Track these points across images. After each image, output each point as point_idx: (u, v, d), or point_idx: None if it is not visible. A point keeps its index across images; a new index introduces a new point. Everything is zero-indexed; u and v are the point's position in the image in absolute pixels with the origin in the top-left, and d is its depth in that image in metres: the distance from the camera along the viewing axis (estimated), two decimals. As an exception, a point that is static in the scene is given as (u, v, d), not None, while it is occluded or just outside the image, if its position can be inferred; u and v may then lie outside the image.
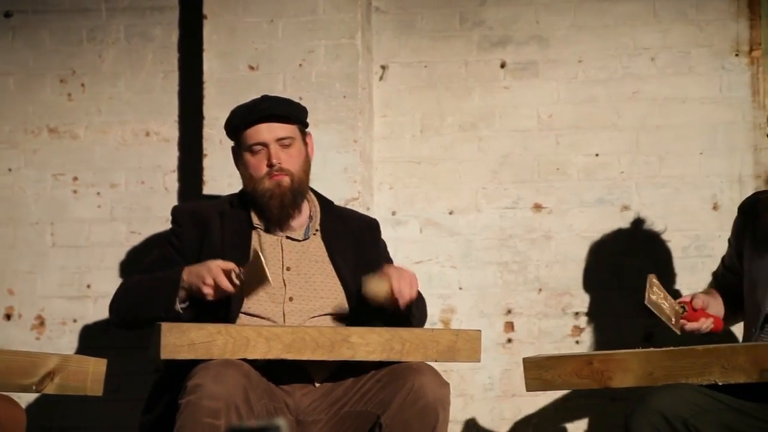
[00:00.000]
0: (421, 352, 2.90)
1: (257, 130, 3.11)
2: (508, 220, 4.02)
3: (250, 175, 3.13)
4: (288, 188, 3.08)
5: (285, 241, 3.12)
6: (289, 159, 3.10)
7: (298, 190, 3.11)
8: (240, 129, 3.14)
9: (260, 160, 3.11)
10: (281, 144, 3.11)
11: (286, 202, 3.08)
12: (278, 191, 3.07)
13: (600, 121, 4.00)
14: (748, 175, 3.86)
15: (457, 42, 4.09)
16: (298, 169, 3.11)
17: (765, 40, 3.93)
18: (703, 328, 3.07)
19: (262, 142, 3.10)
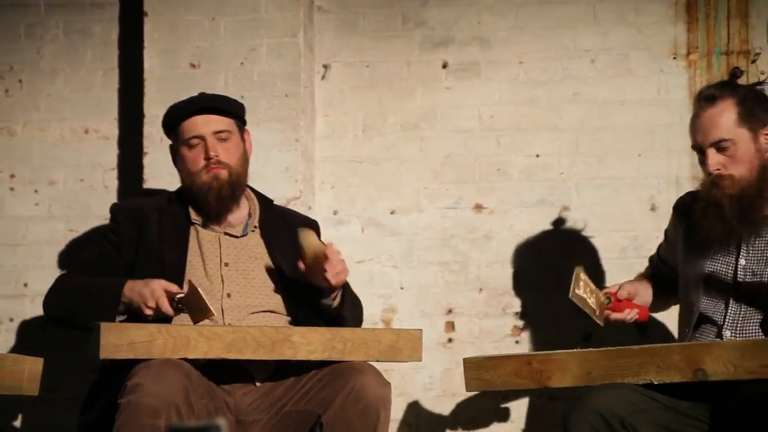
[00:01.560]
0: (363, 351, 2.90)
1: (193, 123, 3.09)
2: (449, 220, 4.03)
3: (187, 170, 3.11)
4: (226, 181, 3.07)
5: (223, 237, 3.11)
6: (226, 152, 3.09)
7: (237, 184, 3.09)
8: (176, 124, 3.12)
9: (197, 154, 3.09)
10: (218, 137, 3.09)
11: (224, 195, 3.06)
12: (216, 184, 3.06)
13: (540, 122, 4.03)
14: (685, 177, 3.91)
15: (399, 42, 4.09)
16: (236, 163, 3.10)
17: (702, 43, 3.99)
18: (627, 319, 3.10)
19: (198, 134, 3.08)
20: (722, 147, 2.93)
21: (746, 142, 2.93)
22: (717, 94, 2.95)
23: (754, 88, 3.04)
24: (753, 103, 2.95)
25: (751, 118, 2.93)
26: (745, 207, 2.92)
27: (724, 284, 2.97)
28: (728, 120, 2.92)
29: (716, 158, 2.93)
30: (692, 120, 3.00)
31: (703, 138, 2.95)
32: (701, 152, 2.97)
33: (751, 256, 2.96)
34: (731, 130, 2.92)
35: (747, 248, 2.97)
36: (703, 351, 2.63)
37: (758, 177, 2.93)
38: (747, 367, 2.59)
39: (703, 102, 2.96)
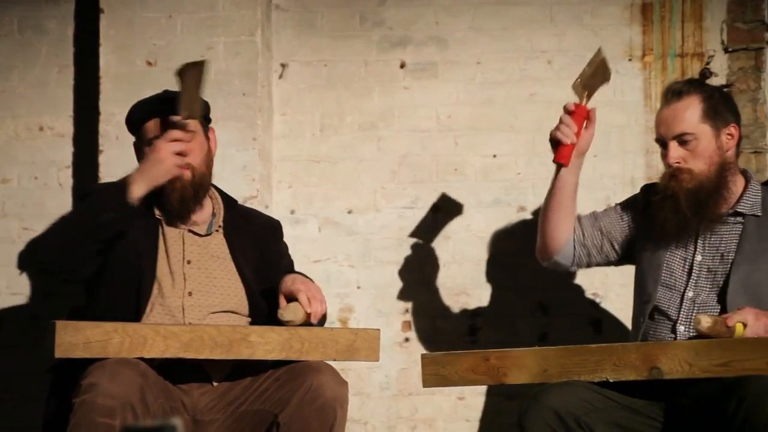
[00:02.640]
0: (320, 351, 2.90)
1: (157, 123, 3.06)
2: (406, 220, 4.04)
3: None
4: (188, 182, 3.03)
5: (187, 235, 3.09)
6: (190, 152, 3.06)
7: (200, 184, 3.06)
8: (140, 123, 3.09)
9: None
10: None
11: (187, 197, 3.03)
12: (178, 184, 3.02)
13: (497, 122, 4.05)
14: (640, 178, 3.95)
15: (357, 42, 4.10)
16: (199, 162, 3.06)
17: (657, 45, 4.03)
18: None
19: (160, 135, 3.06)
20: (684, 140, 2.96)
21: (708, 139, 2.97)
22: (684, 89, 2.99)
23: (721, 89, 3.08)
24: (719, 101, 3.00)
25: (715, 116, 2.97)
26: (701, 202, 2.95)
27: (680, 278, 3.00)
28: (693, 115, 2.97)
29: (677, 151, 2.97)
30: (658, 113, 3.05)
31: (666, 130, 2.99)
32: (663, 145, 3.01)
33: (707, 252, 3.00)
34: (694, 125, 2.96)
35: (703, 244, 3.01)
36: (658, 350, 2.66)
37: (716, 174, 2.97)
38: (701, 366, 2.62)
39: (670, 96, 3.00)
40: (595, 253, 3.22)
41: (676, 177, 2.96)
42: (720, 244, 2.99)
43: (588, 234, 3.20)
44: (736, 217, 3.00)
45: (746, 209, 2.99)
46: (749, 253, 2.94)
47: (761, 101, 3.97)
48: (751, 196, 3.01)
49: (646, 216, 3.10)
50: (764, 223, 2.97)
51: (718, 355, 2.60)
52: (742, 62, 3.98)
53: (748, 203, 3.00)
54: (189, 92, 2.95)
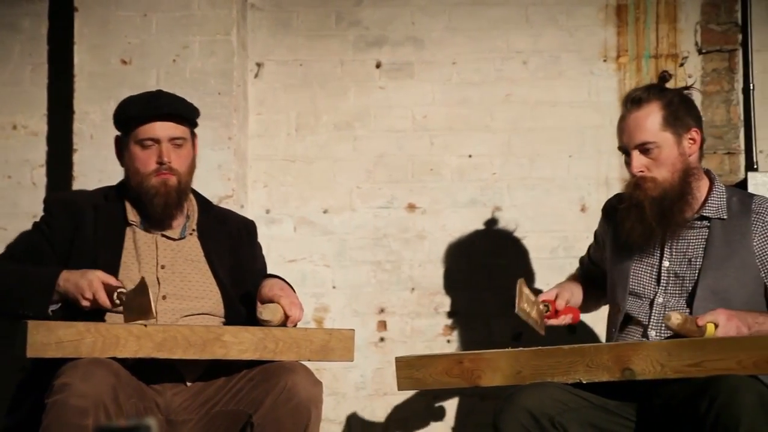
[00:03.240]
0: (295, 351, 2.89)
1: (152, 126, 3.04)
2: (382, 220, 4.04)
3: (136, 169, 3.06)
4: (174, 188, 3.04)
5: (160, 239, 3.08)
6: (178, 159, 3.06)
7: (183, 191, 3.08)
8: (134, 121, 3.07)
9: (150, 156, 3.04)
10: (174, 143, 3.06)
11: (171, 202, 3.04)
12: (164, 190, 3.02)
13: (473, 122, 4.05)
14: (614, 178, 3.96)
15: (332, 41, 4.09)
16: (185, 170, 3.08)
17: (631, 46, 4.04)
18: (562, 324, 3.15)
19: (155, 138, 3.04)
20: (646, 149, 2.97)
21: (670, 146, 2.97)
22: (643, 97, 2.99)
23: (681, 93, 3.08)
24: (678, 107, 2.99)
25: (676, 122, 2.97)
26: (665, 209, 2.96)
27: (648, 286, 3.01)
28: (653, 123, 2.96)
29: (640, 160, 2.97)
30: (619, 122, 3.04)
31: (628, 140, 2.99)
32: (626, 153, 3.01)
33: (674, 258, 3.01)
34: (656, 133, 2.96)
35: (670, 250, 3.02)
36: (630, 351, 2.67)
37: (680, 180, 2.97)
38: (673, 367, 2.63)
39: (629, 104, 3.00)
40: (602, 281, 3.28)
41: (640, 186, 2.97)
42: (687, 249, 3.00)
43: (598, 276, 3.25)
44: (702, 221, 3.01)
45: (711, 213, 3.00)
46: (716, 258, 2.95)
47: (734, 102, 3.99)
48: (716, 199, 3.01)
49: (614, 227, 3.11)
50: (730, 226, 2.98)
51: (689, 356, 2.61)
52: (715, 63, 4.00)
53: (713, 207, 3.00)
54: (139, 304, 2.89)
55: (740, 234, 2.96)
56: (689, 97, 3.09)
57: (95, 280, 2.87)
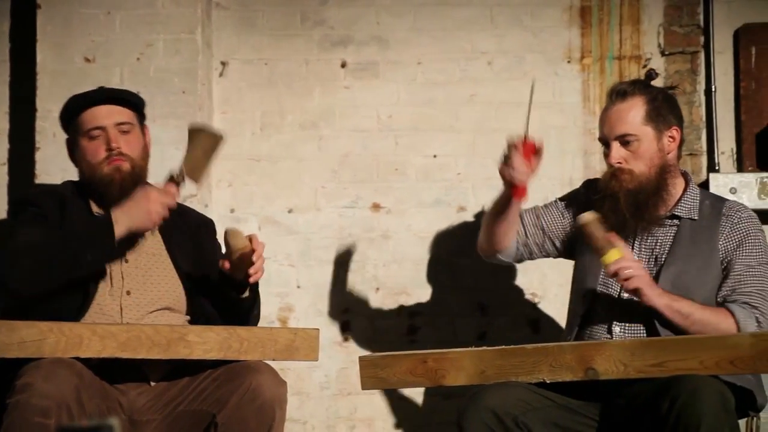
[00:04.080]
0: (259, 350, 2.88)
1: (94, 114, 3.01)
2: (347, 219, 4.04)
3: (87, 162, 3.02)
4: (128, 173, 3.00)
5: None
6: (128, 144, 3.02)
7: (138, 177, 3.03)
8: (76, 115, 3.04)
9: (98, 145, 3.01)
10: (120, 129, 3.02)
11: (126, 189, 2.98)
12: (118, 176, 2.99)
13: (438, 123, 4.06)
14: (578, 179, 3.97)
15: (298, 40, 4.09)
16: (137, 155, 3.04)
17: (595, 48, 4.06)
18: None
19: (100, 125, 3.01)
20: (626, 141, 2.99)
21: (650, 140, 3.00)
22: (629, 90, 3.02)
23: (665, 91, 3.11)
24: (662, 104, 3.03)
25: (658, 118, 3.00)
26: (640, 203, 2.98)
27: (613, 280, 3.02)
28: (636, 116, 2.99)
29: (619, 152, 3.00)
30: (602, 113, 3.07)
31: (609, 131, 3.01)
32: (606, 145, 3.03)
33: (643, 254, 3.03)
34: (637, 126, 2.99)
35: (639, 246, 3.04)
36: (594, 351, 2.68)
37: (656, 176, 3.00)
38: (636, 367, 2.64)
39: (614, 96, 3.03)
40: (536, 251, 3.24)
41: (617, 177, 2.99)
42: (655, 246, 3.03)
43: (530, 233, 3.23)
44: (672, 219, 3.04)
45: (683, 212, 3.03)
46: (680, 255, 2.98)
47: (697, 104, 4.03)
48: (689, 200, 3.04)
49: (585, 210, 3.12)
50: (698, 227, 3.01)
51: (652, 356, 2.63)
52: (678, 65, 4.04)
53: (685, 207, 3.03)
54: (198, 157, 2.92)
55: (707, 235, 2.99)
56: (673, 97, 3.12)
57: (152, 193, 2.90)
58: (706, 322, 2.85)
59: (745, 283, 2.94)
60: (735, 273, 2.95)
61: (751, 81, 4.02)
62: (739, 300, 2.92)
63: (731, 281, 2.95)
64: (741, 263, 2.96)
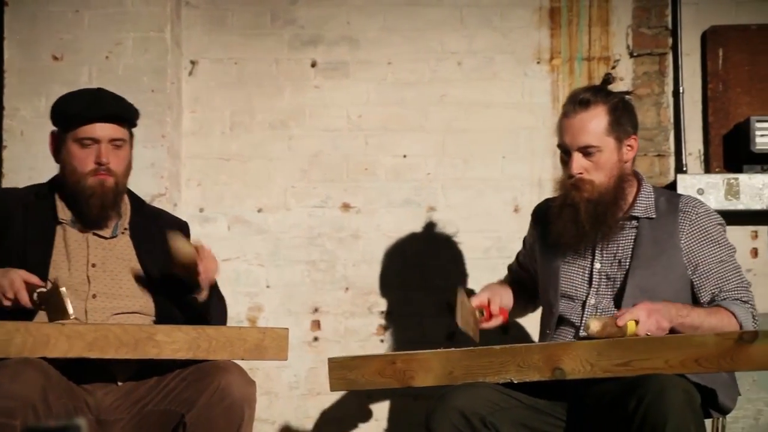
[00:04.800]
0: (228, 350, 2.88)
1: (93, 127, 3.01)
2: (316, 219, 4.04)
3: (73, 168, 3.02)
4: (111, 189, 3.02)
5: (91, 238, 3.05)
6: (117, 160, 3.03)
7: (120, 192, 3.06)
8: (74, 119, 3.03)
9: (88, 155, 3.01)
10: (113, 144, 3.03)
11: (107, 204, 3.01)
12: (101, 191, 3.00)
13: (408, 123, 4.07)
14: (547, 179, 4.00)
15: (268, 40, 4.08)
16: (122, 171, 3.06)
17: (564, 49, 4.08)
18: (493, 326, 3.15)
19: (95, 138, 3.01)
20: (588, 152, 2.98)
21: (611, 151, 3.00)
22: (591, 99, 2.99)
23: (624, 98, 3.11)
24: (622, 113, 3.02)
25: (618, 128, 3.00)
26: (599, 213, 2.99)
27: (580, 287, 3.04)
28: (598, 127, 2.98)
29: (581, 162, 2.99)
30: (562, 119, 3.03)
31: (571, 140, 2.99)
32: (567, 153, 3.02)
33: (605, 259, 3.04)
34: (600, 137, 2.98)
35: (601, 252, 3.05)
36: (560, 351, 2.69)
37: (615, 185, 3.00)
38: (602, 366, 2.66)
39: (577, 105, 3.00)
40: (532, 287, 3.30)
41: (578, 187, 2.99)
42: (617, 250, 3.03)
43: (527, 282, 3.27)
44: (631, 221, 3.04)
45: (640, 213, 3.04)
46: (644, 257, 2.99)
47: (665, 105, 4.05)
48: (644, 200, 3.05)
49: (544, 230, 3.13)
50: (657, 225, 3.02)
51: (618, 355, 2.64)
52: (646, 67, 4.06)
53: (641, 207, 3.04)
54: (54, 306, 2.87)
55: (668, 233, 3.00)
56: (630, 103, 3.12)
57: (17, 279, 2.83)
58: (715, 327, 2.85)
59: (727, 279, 2.96)
60: (713, 272, 2.97)
61: (718, 83, 4.05)
62: (730, 297, 2.94)
63: (714, 279, 2.96)
64: (713, 259, 2.97)
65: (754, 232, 4.02)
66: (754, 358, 2.53)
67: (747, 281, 2.99)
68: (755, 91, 4.04)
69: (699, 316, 2.87)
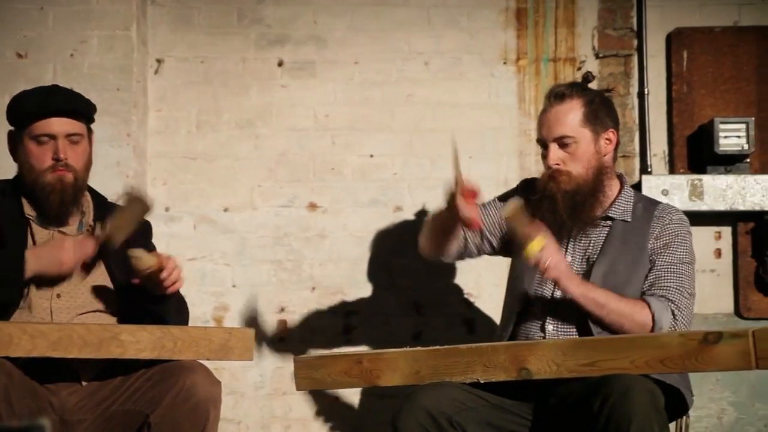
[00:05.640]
0: (194, 350, 2.86)
1: (48, 122, 2.99)
2: (283, 219, 4.03)
3: (31, 166, 3.00)
4: (70, 185, 2.99)
5: (56, 235, 3.03)
6: (75, 156, 3.01)
7: (80, 188, 3.03)
8: (29, 117, 3.00)
9: (45, 152, 2.99)
10: (70, 140, 3.01)
11: (67, 199, 2.99)
12: (60, 187, 2.98)
13: (375, 122, 4.07)
14: (513, 179, 4.01)
15: (234, 39, 4.07)
16: (81, 166, 3.03)
17: (531, 50, 4.10)
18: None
19: (51, 134, 2.99)
20: (564, 143, 3.02)
21: (587, 143, 3.03)
22: (567, 92, 3.04)
23: (602, 94, 3.14)
24: (599, 106, 3.06)
25: (595, 120, 3.03)
26: (577, 204, 3.01)
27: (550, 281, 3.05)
28: (574, 118, 3.02)
29: (557, 153, 3.02)
30: (540, 115, 3.09)
31: (548, 132, 3.04)
32: (544, 146, 3.06)
33: (576, 254, 3.06)
34: (575, 128, 3.02)
35: (573, 246, 3.07)
36: (527, 351, 2.70)
37: (593, 177, 3.04)
38: (568, 366, 2.67)
39: (553, 98, 3.05)
40: (475, 251, 3.26)
41: (555, 178, 3.02)
42: (588, 246, 3.06)
43: (470, 236, 3.24)
44: (606, 221, 3.07)
45: (617, 214, 3.06)
46: (611, 256, 3.02)
47: (630, 106, 4.08)
48: (623, 202, 3.08)
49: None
50: (630, 228, 3.04)
51: (584, 356, 2.65)
52: (612, 68, 4.08)
53: (619, 209, 3.07)
54: (126, 221, 2.91)
55: (638, 235, 3.03)
56: (609, 99, 3.15)
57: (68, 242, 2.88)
58: (622, 312, 2.90)
59: (665, 278, 2.99)
60: (657, 269, 3.00)
61: (682, 84, 4.08)
62: (657, 293, 2.97)
63: (652, 276, 3.00)
64: (664, 261, 3.01)
65: (717, 232, 4.06)
66: (719, 358, 2.55)
67: (688, 289, 3.00)
68: (719, 93, 4.07)
69: (607, 296, 2.90)
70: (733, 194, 3.93)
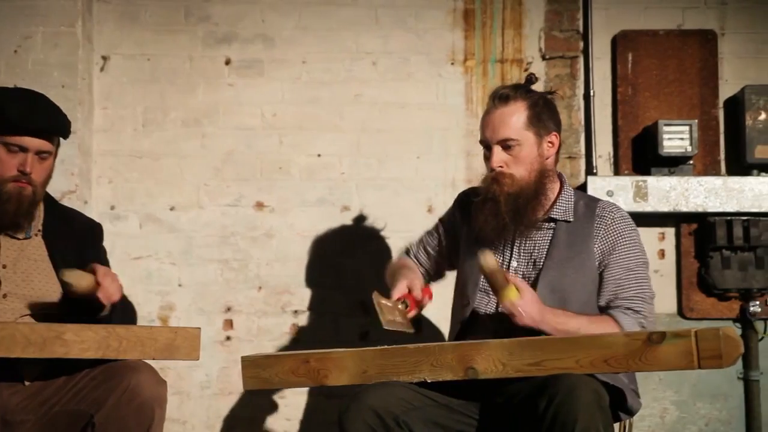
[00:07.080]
0: (139, 350, 2.85)
1: (24, 138, 2.97)
2: (230, 218, 4.02)
3: None
4: (28, 198, 2.99)
5: (3, 238, 3.00)
6: (40, 171, 3.01)
7: (36, 201, 3.03)
8: (8, 125, 2.97)
9: (12, 160, 2.97)
10: (40, 156, 3.00)
11: (21, 211, 2.99)
12: (17, 198, 2.97)
13: (323, 122, 4.07)
14: (460, 180, 4.03)
15: (181, 36, 4.05)
16: (41, 182, 3.03)
17: (478, 51, 4.12)
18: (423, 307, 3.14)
19: (23, 146, 2.97)
20: (508, 146, 3.03)
21: (530, 145, 3.04)
22: (511, 95, 3.05)
23: (545, 96, 3.15)
24: (543, 109, 3.07)
25: (538, 123, 3.05)
26: (520, 207, 3.03)
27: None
28: (518, 121, 3.03)
29: (501, 156, 3.03)
30: (484, 116, 3.09)
31: (491, 134, 3.04)
32: (488, 148, 3.06)
33: (522, 258, 3.08)
34: (519, 131, 3.03)
35: (519, 250, 3.08)
36: (473, 350, 2.71)
37: (536, 180, 3.05)
38: (514, 366, 2.68)
39: (497, 100, 3.05)
40: (433, 274, 3.31)
41: (498, 181, 3.03)
42: (533, 250, 3.08)
43: (427, 266, 3.29)
44: (549, 222, 3.09)
45: (559, 215, 3.08)
46: (557, 259, 3.03)
47: (576, 108, 4.11)
48: (564, 202, 3.10)
49: (464, 222, 3.17)
50: (574, 229, 3.06)
51: (530, 355, 2.67)
52: (558, 69, 4.12)
53: (560, 209, 3.09)
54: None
55: (583, 237, 3.05)
56: (552, 102, 3.17)
57: None
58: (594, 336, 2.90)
59: (625, 287, 3.00)
60: (614, 277, 3.01)
61: (627, 86, 4.12)
62: (622, 306, 2.98)
63: (612, 286, 3.01)
64: (619, 266, 3.02)
65: (661, 233, 4.10)
66: (662, 358, 2.58)
67: (649, 293, 3.03)
68: (663, 95, 4.12)
69: (578, 323, 2.92)
70: (676, 196, 3.98)
